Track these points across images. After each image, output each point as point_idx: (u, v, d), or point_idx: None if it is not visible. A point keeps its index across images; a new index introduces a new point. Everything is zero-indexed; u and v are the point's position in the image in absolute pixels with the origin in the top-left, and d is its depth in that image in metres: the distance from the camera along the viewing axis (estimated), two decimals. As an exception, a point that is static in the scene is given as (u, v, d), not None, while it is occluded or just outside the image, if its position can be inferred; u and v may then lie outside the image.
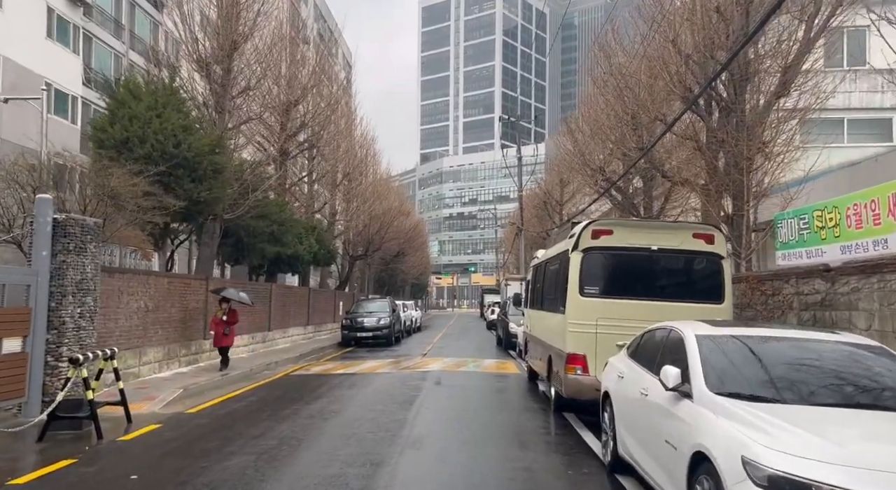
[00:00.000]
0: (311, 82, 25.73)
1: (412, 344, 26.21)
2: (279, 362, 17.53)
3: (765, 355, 4.88)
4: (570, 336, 9.10)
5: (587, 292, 9.08)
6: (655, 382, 5.20)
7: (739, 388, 4.47)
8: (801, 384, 4.49)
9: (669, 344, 5.58)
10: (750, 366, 4.76)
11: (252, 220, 19.92)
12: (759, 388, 4.47)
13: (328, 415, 9.85)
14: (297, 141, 26.41)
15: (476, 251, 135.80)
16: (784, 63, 13.37)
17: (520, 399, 11.75)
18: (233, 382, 13.67)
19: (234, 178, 18.70)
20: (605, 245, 9.11)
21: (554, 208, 41.47)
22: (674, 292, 9.03)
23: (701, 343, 5.02)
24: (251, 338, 19.43)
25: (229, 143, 19.16)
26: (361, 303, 27.79)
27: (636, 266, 9.18)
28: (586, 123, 22.55)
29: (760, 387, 4.49)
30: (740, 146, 13.37)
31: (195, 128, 16.74)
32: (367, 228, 38.71)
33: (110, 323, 11.51)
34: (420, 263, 68.51)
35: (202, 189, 16.07)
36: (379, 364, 17.60)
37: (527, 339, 14.60)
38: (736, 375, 4.65)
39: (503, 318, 24.52)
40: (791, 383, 4.51)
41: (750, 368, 4.72)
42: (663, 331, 5.98)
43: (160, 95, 16.11)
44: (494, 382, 14.09)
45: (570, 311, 9.14)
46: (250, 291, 19.65)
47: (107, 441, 8.12)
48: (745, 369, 4.72)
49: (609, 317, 8.94)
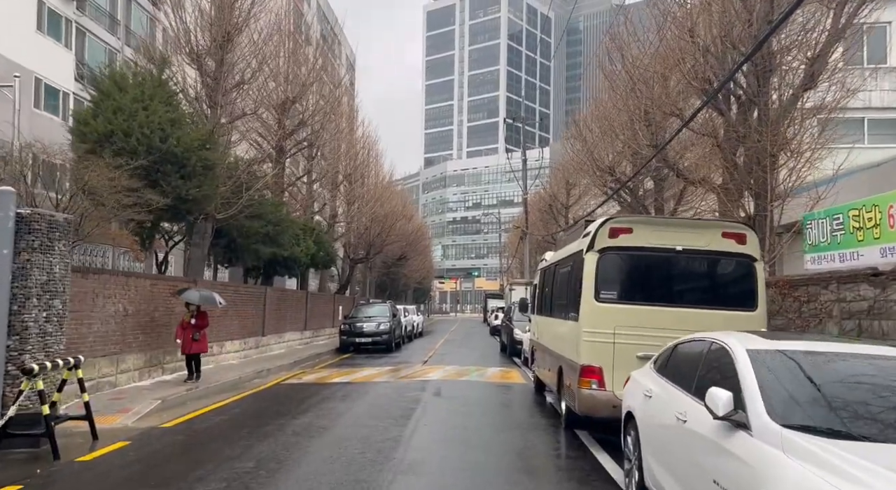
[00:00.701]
0: (311, 79, 24.87)
1: (413, 350, 25.28)
2: (271, 370, 16.62)
3: (837, 377, 3.96)
4: (585, 346, 8.18)
5: (603, 297, 8.16)
6: (697, 407, 4.28)
7: (812, 420, 3.54)
8: (892, 414, 3.56)
9: (712, 360, 4.66)
10: (820, 390, 3.82)
11: (246, 220, 19.05)
12: (837, 420, 3.54)
13: (315, 432, 8.93)
14: (295, 139, 25.56)
15: (480, 256, 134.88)
16: (812, 54, 12.45)
17: (526, 414, 10.81)
18: (218, 392, 12.77)
19: (227, 175, 17.85)
20: (623, 245, 8.19)
21: (560, 211, 40.57)
22: (701, 298, 8.10)
23: (755, 360, 4.10)
24: (243, 343, 18.53)
25: (222, 138, 18.30)
26: (361, 307, 26.88)
27: (658, 268, 8.26)
28: (595, 122, 21.65)
29: (839, 418, 3.57)
30: (763, 142, 12.46)
31: (185, 122, 15.89)
32: (369, 231, 37.83)
33: (83, 328, 10.62)
34: (423, 267, 67.61)
35: (191, 186, 15.21)
36: (377, 372, 16.68)
37: (533, 347, 13.68)
38: (805, 402, 3.72)
39: (507, 323, 23.59)
40: (878, 413, 3.58)
41: (821, 393, 3.79)
42: (701, 343, 5.06)
43: (147, 87, 15.27)
44: (499, 394, 13.16)
45: (585, 319, 8.22)
46: (243, 294, 18.80)
47: (64, 462, 7.22)
48: (816, 395, 3.79)
49: (628, 325, 8.02)
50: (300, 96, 24.64)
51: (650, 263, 8.25)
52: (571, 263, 9.43)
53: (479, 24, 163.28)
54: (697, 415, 4.26)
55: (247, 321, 18.86)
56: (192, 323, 13.01)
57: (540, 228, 42.53)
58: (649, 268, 8.28)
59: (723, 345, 4.56)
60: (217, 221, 18.07)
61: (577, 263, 8.95)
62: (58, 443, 7.58)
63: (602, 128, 21.27)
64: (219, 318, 16.69)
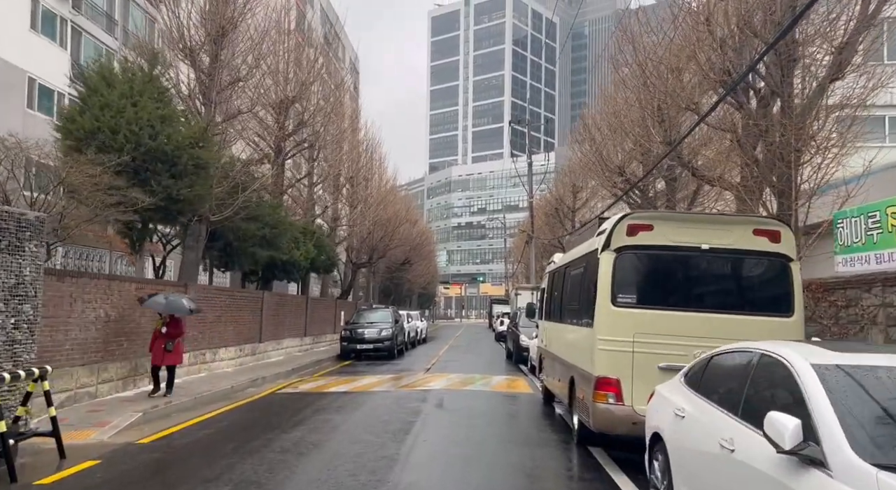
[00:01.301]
0: (311, 79, 24.20)
1: (416, 357, 24.50)
2: (267, 378, 15.87)
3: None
4: (601, 355, 7.40)
5: (621, 302, 7.38)
6: (749, 435, 3.51)
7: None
8: None
9: (763, 376, 3.89)
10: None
11: (242, 223, 18.33)
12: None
13: (305, 448, 8.16)
14: (295, 140, 24.88)
15: (485, 261, 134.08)
16: (840, 41, 11.66)
17: (535, 428, 10.01)
18: (207, 403, 12.02)
19: (222, 176, 17.16)
20: (643, 243, 7.42)
21: (566, 215, 39.77)
22: (730, 302, 7.32)
23: (825, 378, 3.32)
24: (239, 350, 17.79)
25: (216, 137, 17.61)
26: (362, 312, 26.12)
27: (682, 269, 7.49)
28: (604, 120, 20.89)
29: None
30: (787, 136, 11.68)
31: (176, 118, 15.20)
32: (372, 235, 37.10)
33: (59, 335, 9.89)
34: (427, 272, 66.85)
35: (182, 186, 14.49)
36: (377, 381, 15.91)
37: (542, 354, 12.89)
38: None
39: (513, 329, 22.80)
40: None
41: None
42: (746, 355, 4.28)
43: (136, 83, 14.59)
44: (505, 405, 12.37)
45: (601, 325, 7.44)
46: (239, 299, 18.07)
47: (21, 484, 6.47)
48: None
49: (649, 332, 7.24)
50: (300, 96, 23.97)
51: (673, 264, 7.48)
52: (584, 265, 8.66)
53: (484, 29, 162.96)
54: (749, 444, 3.48)
55: (243, 327, 18.13)
56: (164, 332, 11.58)
57: (546, 232, 41.75)
58: (672, 269, 7.50)
59: (778, 358, 3.78)
60: (211, 224, 17.38)
61: (590, 264, 8.18)
62: (21, 462, 6.88)
63: (611, 126, 20.50)
64: (212, 323, 15.98)
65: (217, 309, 16.32)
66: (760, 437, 3.24)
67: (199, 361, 15.21)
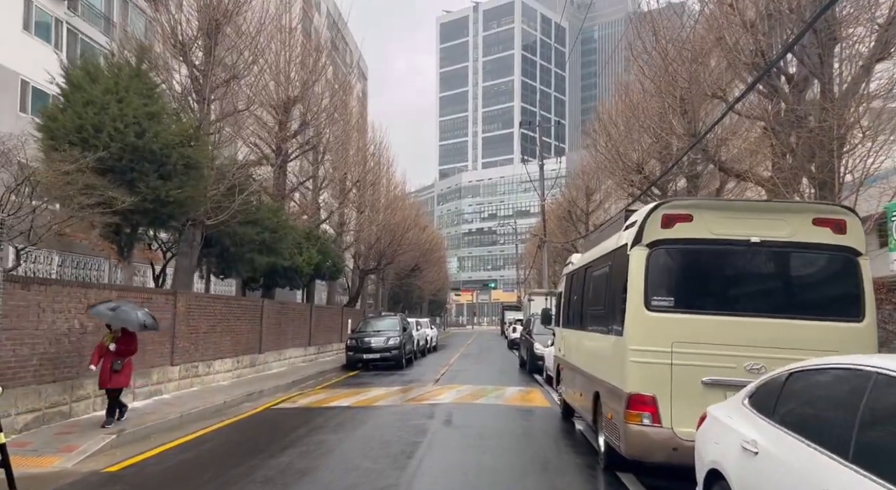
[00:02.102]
0: (313, 78, 23.29)
1: (425, 367, 23.43)
2: (265, 391, 14.85)
3: None
4: (633, 368, 6.32)
5: (657, 305, 6.30)
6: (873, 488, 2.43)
7: None
8: None
9: (886, 406, 2.80)
10: None
11: (239, 227, 17.38)
12: None
13: (292, 477, 7.11)
14: (297, 142, 23.97)
15: (496, 267, 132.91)
16: (887, 17, 10.54)
17: (553, 448, 8.91)
18: (195, 420, 11.02)
19: (218, 177, 16.24)
20: (681, 237, 6.34)
21: (579, 218, 38.65)
22: (786, 305, 6.22)
23: None
24: (236, 362, 16.79)
25: (211, 137, 16.70)
26: (369, 320, 25.10)
27: (728, 267, 6.41)
28: (620, 116, 19.80)
29: None
30: (829, 122, 10.56)
31: (166, 116, 14.27)
32: (380, 240, 36.15)
33: (24, 349, 8.91)
34: (438, 279, 65.79)
35: (171, 187, 13.53)
36: (382, 393, 14.86)
37: (559, 365, 11.78)
38: None
39: (527, 337, 21.68)
40: None
41: None
42: (850, 374, 3.20)
43: (122, 78, 13.68)
44: (519, 421, 11.27)
45: (632, 333, 6.37)
46: (236, 308, 17.10)
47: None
48: None
49: (689, 340, 6.16)
50: (302, 96, 23.07)
51: (717, 260, 6.39)
52: (609, 264, 7.58)
53: (493, 35, 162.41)
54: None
55: (241, 337, 17.14)
56: (112, 349, 9.50)
57: (559, 236, 40.63)
58: (716, 266, 6.42)
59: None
60: (207, 228, 16.44)
61: (617, 263, 7.11)
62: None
63: (628, 120, 19.40)
64: (206, 334, 15.00)
65: (211, 318, 15.35)
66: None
67: (192, 375, 14.22)
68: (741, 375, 6.01)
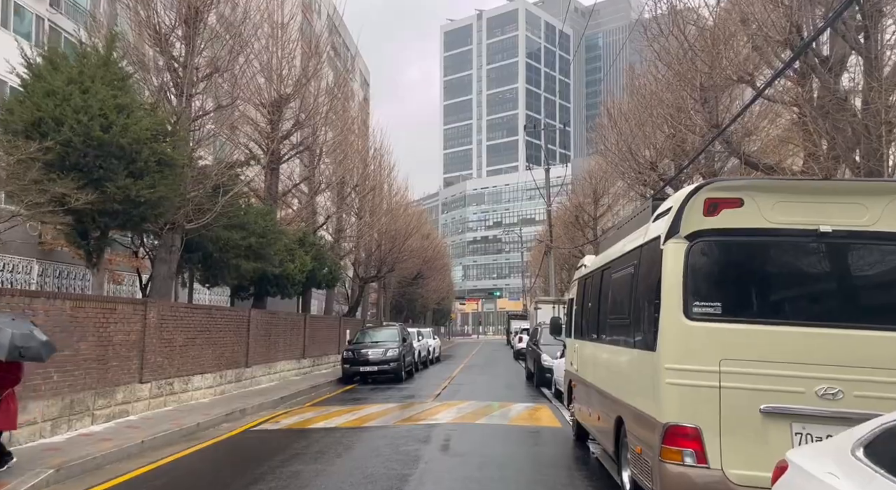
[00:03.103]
0: (306, 76, 22.11)
1: (426, 380, 22.10)
2: (248, 410, 13.56)
3: None
4: (670, 393, 5.00)
5: (699, 313, 4.99)
6: None
7: None
8: None
9: None
10: None
11: (224, 231, 16.16)
12: None
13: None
14: (290, 142, 22.79)
15: (501, 276, 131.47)
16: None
17: (568, 482, 7.57)
18: (161, 446, 9.73)
19: (199, 177, 15.05)
20: (729, 226, 5.04)
21: (587, 223, 37.36)
22: (869, 311, 4.90)
23: None
24: (218, 377, 15.50)
25: (193, 133, 15.51)
26: (367, 331, 23.80)
27: (792, 263, 5.11)
28: (632, 111, 18.51)
29: None
30: (877, 105, 9.28)
31: (137, 108, 13.06)
32: (380, 247, 34.88)
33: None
34: (441, 287, 64.41)
35: (142, 186, 12.31)
36: (375, 411, 13.54)
37: (571, 380, 10.46)
38: None
39: (534, 347, 20.33)
40: None
41: None
42: None
43: (89, 66, 12.49)
44: (526, 445, 9.93)
45: (668, 348, 5.06)
46: (218, 318, 15.82)
47: None
48: None
49: (743, 357, 4.86)
50: (295, 95, 21.91)
51: (776, 256, 5.09)
52: (634, 263, 6.28)
53: (497, 42, 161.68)
54: None
55: (224, 350, 15.86)
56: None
57: (565, 242, 39.31)
58: (775, 263, 5.12)
59: None
60: (187, 232, 15.22)
61: (646, 262, 5.81)
62: None
63: (641, 115, 18.10)
64: (183, 347, 13.73)
65: (190, 330, 14.08)
66: None
67: (166, 393, 12.94)
68: (812, 403, 4.70)
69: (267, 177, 22.14)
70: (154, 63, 15.27)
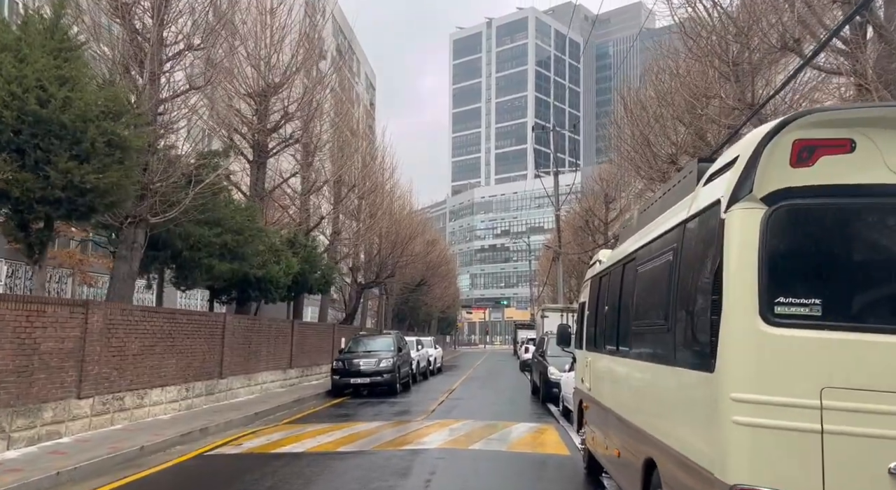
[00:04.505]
0: (296, 62, 20.52)
1: (423, 393, 20.35)
2: (211, 428, 11.83)
3: None
4: (741, 437, 3.24)
5: (786, 314, 3.23)
6: None
7: None
8: None
9: None
10: None
11: (195, 227, 14.52)
12: None
13: None
14: (280, 135, 21.18)
15: (509, 284, 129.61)
16: None
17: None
18: (79, 480, 8.00)
19: (166, 167, 13.41)
20: (832, 182, 3.29)
21: (597, 228, 35.56)
22: None
23: None
24: (185, 390, 13.79)
25: (160, 117, 13.90)
26: (360, 340, 22.06)
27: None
28: (650, 97, 16.79)
29: None
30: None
31: (89, 83, 11.44)
32: (380, 251, 33.17)
33: None
34: (447, 295, 62.60)
35: (88, 170, 10.66)
36: (357, 432, 11.79)
37: (583, 401, 8.68)
38: None
39: (540, 359, 18.51)
40: None
41: None
42: None
43: (30, 33, 10.88)
44: (527, 480, 8.15)
45: (738, 367, 3.30)
46: (184, 323, 14.13)
47: None
48: None
49: (863, 387, 3.08)
50: (284, 84, 20.33)
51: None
52: (674, 247, 4.51)
53: (507, 50, 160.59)
54: None
55: (193, 359, 14.16)
56: None
57: (574, 247, 37.51)
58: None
59: None
60: (151, 227, 13.58)
61: (694, 243, 4.06)
62: None
63: (658, 109, 16.40)
64: (137, 356, 12.03)
65: (148, 336, 12.38)
66: None
67: (114, 409, 11.23)
68: None
69: (253, 172, 20.55)
70: (113, 34, 13.66)
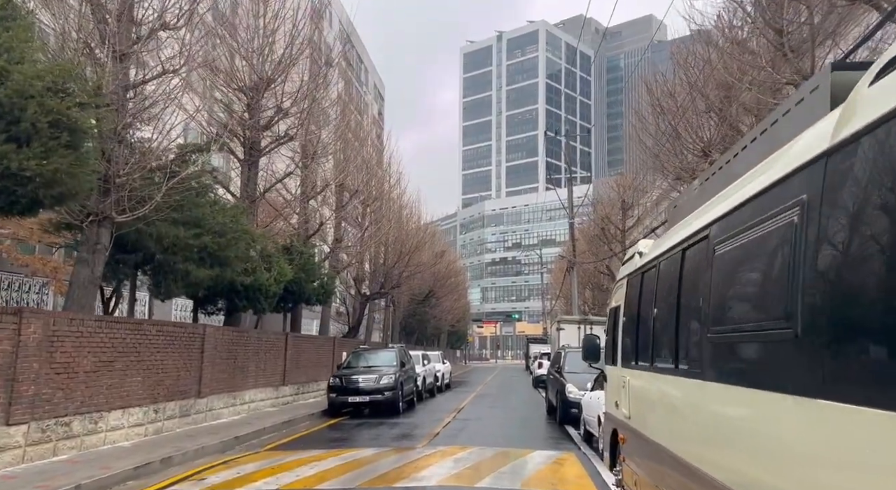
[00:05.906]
0: (290, 54, 19.01)
1: (428, 412, 18.57)
2: (177, 458, 10.14)
3: None
4: None
5: None
6: None
7: None
8: None
9: None
10: None
11: (169, 227, 12.91)
12: None
13: None
14: (274, 132, 19.64)
15: (520, 298, 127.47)
16: None
17: None
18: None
19: (138, 159, 11.85)
20: None
21: (614, 236, 33.73)
22: None
23: None
24: (151, 412, 12.08)
25: (133, 103, 12.35)
26: (361, 354, 20.34)
27: None
28: (680, 82, 15.10)
29: None
30: None
31: (30, 54, 9.89)
32: (386, 261, 31.51)
33: None
34: (456, 308, 60.72)
35: (28, 155, 9.11)
36: (346, 461, 10.04)
37: (618, 430, 6.91)
38: None
39: (556, 376, 16.69)
40: None
41: None
42: None
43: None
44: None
45: None
46: (152, 336, 12.45)
47: None
48: None
49: None
50: (277, 77, 18.81)
51: None
52: (803, 198, 2.76)
53: (517, 63, 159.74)
54: None
55: (164, 376, 12.49)
56: None
57: (588, 256, 35.71)
58: None
59: None
60: (118, 226, 11.98)
61: (853, 180, 2.32)
62: None
63: (684, 100, 14.73)
64: (90, 374, 10.36)
65: (105, 350, 10.73)
66: None
67: (59, 436, 9.54)
68: None
69: (244, 171, 19.00)
70: (74, 7, 12.13)
